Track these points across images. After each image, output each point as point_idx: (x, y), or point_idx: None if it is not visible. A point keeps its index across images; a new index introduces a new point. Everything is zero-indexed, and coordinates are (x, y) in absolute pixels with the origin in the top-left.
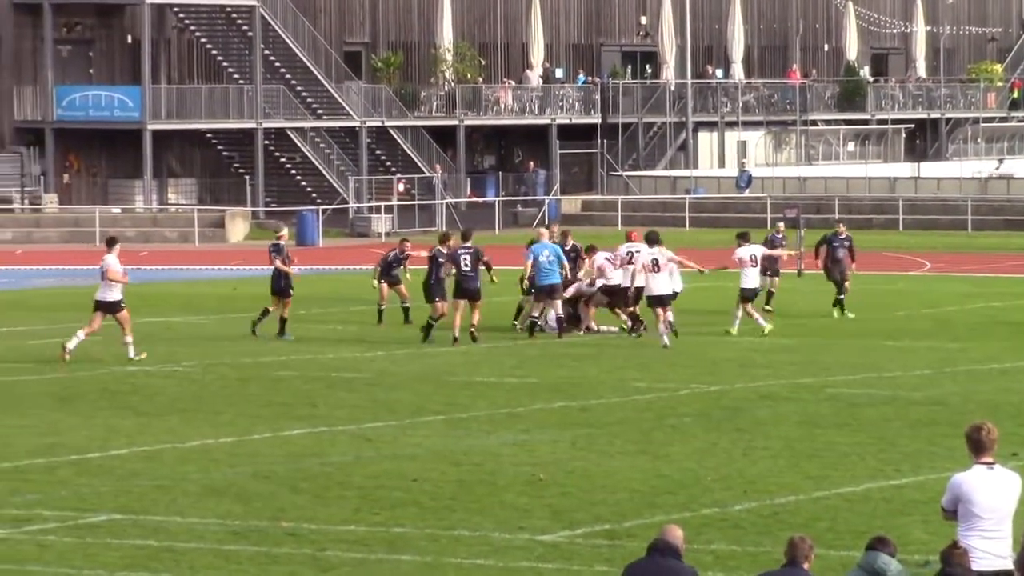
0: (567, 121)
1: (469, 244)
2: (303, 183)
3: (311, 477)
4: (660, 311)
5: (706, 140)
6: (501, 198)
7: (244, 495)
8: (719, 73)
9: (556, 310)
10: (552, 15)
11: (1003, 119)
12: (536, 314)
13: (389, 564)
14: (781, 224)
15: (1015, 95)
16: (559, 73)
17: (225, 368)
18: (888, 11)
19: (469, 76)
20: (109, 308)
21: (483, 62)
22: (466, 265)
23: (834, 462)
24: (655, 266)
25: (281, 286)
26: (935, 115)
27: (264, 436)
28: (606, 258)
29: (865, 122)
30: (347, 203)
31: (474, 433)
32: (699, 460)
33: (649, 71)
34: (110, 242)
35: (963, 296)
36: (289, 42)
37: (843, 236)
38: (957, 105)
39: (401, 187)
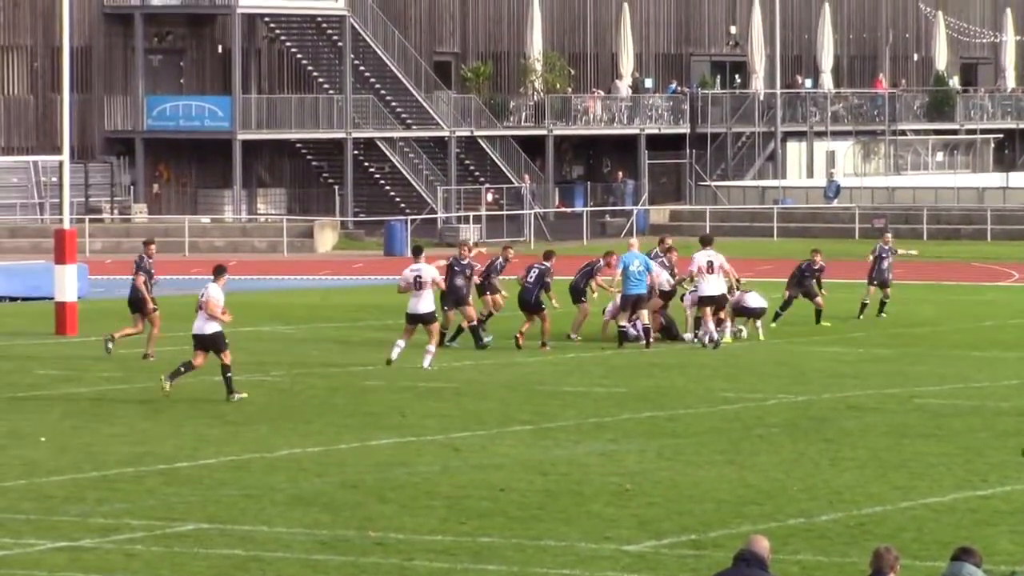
0: (656, 131)
1: (547, 263)
2: (392, 193)
3: (398, 487)
4: (709, 311)
5: (795, 150)
6: (589, 208)
7: (332, 505)
8: (808, 83)
9: (643, 320)
10: (641, 25)
11: None
12: (624, 323)
13: (475, 574)
14: (889, 235)
15: None
16: (648, 83)
17: (314, 378)
18: (978, 20)
19: (558, 86)
20: (210, 343)
21: (572, 72)
22: (530, 279)
23: (920, 472)
24: (710, 268)
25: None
26: None
27: (352, 446)
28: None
29: (954, 132)
30: (435, 213)
31: (561, 443)
32: (786, 470)
33: (738, 81)
34: (218, 271)
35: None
36: (379, 52)
37: (888, 247)
38: None
39: (490, 197)
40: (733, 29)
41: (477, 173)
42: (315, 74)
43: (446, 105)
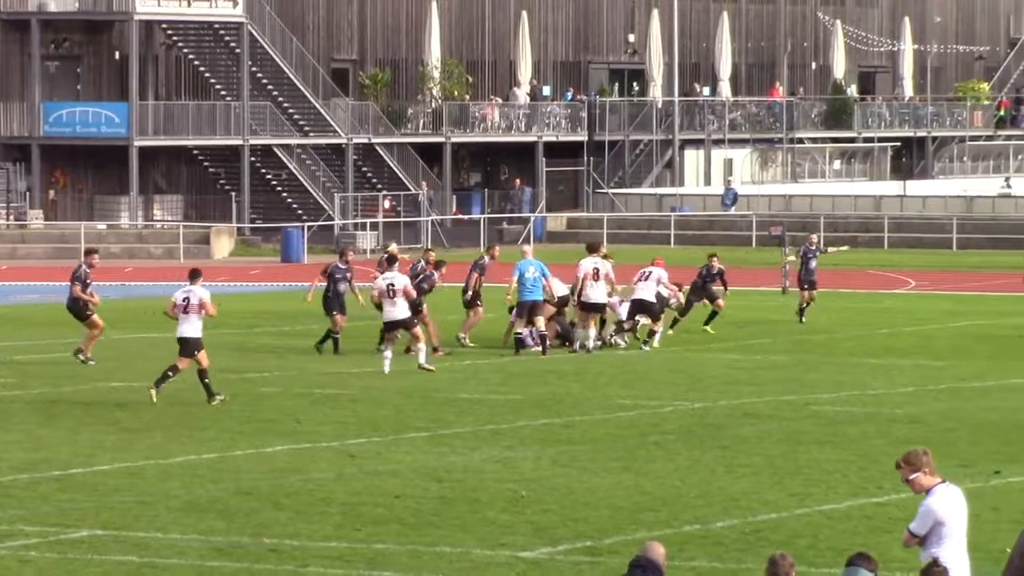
0: (554, 138)
1: (436, 271)
2: (289, 200)
3: (293, 493)
4: (591, 318)
5: (692, 158)
6: (487, 215)
7: (226, 511)
8: (706, 91)
9: (539, 327)
10: (540, 32)
11: (989, 138)
12: (521, 331)
13: None
14: (814, 236)
15: (1002, 113)
16: (546, 91)
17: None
18: (876, 29)
19: (456, 93)
20: (195, 346)
21: (470, 79)
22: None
23: (816, 479)
24: (595, 275)
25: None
26: (921, 133)
27: (247, 452)
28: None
29: (851, 140)
30: (332, 220)
31: (457, 450)
32: (681, 477)
33: (636, 88)
34: (195, 274)
35: (947, 314)
36: (276, 58)
37: (814, 247)
38: (943, 123)
39: (387, 204)
40: (631, 37)
41: (375, 180)
42: (212, 81)
43: (344, 112)
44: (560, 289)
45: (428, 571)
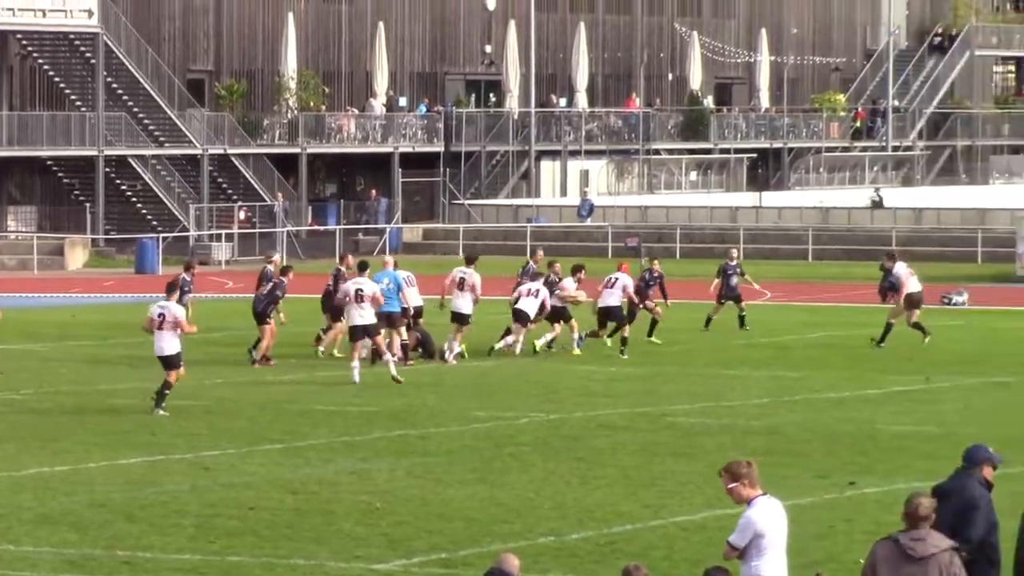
0: (410, 149)
1: (284, 278)
2: (144, 211)
3: (147, 505)
4: (456, 327)
5: (548, 169)
6: (342, 226)
7: (80, 523)
8: (563, 102)
9: (402, 337)
10: (396, 44)
11: (845, 149)
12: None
13: None
14: (734, 251)
15: (858, 125)
16: (402, 102)
17: (63, 396)
18: (733, 41)
19: (312, 104)
20: (175, 362)
21: (327, 90)
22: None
23: (671, 491)
24: (460, 284)
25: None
26: (778, 145)
27: (100, 464)
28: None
29: (708, 151)
30: (188, 231)
31: (312, 461)
32: (536, 489)
33: (493, 100)
34: (171, 288)
35: (803, 325)
36: (132, 69)
37: (734, 263)
38: (800, 135)
39: (242, 215)
40: (488, 48)
41: (230, 191)
42: (67, 91)
43: (199, 123)
44: (415, 299)
45: None
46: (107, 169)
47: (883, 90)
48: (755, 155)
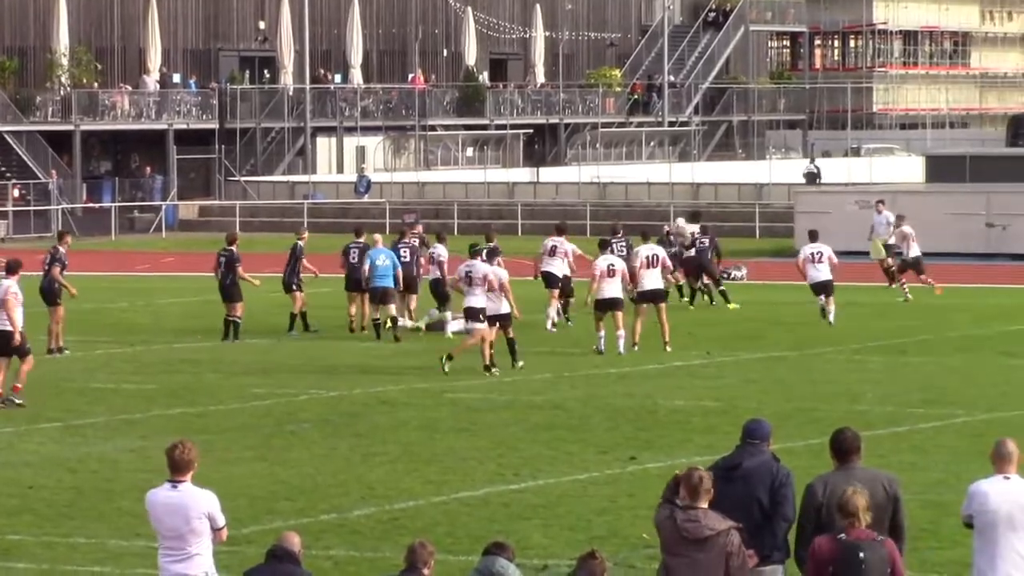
0: (184, 126)
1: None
2: None
3: None
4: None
5: (324, 145)
6: (117, 204)
7: None
8: (338, 78)
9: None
10: (169, 20)
11: (622, 124)
12: (378, 316)
13: (3, 572)
14: (680, 221)
15: (636, 97)
16: (176, 78)
17: None
18: (507, 17)
19: (85, 81)
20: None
21: (99, 67)
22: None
23: (453, 467)
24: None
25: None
26: (554, 120)
27: None
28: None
29: (484, 127)
30: None
31: (91, 440)
32: (317, 466)
33: (267, 76)
34: (12, 267)
35: (584, 301)
36: None
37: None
38: (576, 110)
39: (16, 193)
40: (262, 24)
41: (3, 168)
42: None
43: None
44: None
45: (63, 562)
46: None
47: (658, 65)
48: (531, 131)
